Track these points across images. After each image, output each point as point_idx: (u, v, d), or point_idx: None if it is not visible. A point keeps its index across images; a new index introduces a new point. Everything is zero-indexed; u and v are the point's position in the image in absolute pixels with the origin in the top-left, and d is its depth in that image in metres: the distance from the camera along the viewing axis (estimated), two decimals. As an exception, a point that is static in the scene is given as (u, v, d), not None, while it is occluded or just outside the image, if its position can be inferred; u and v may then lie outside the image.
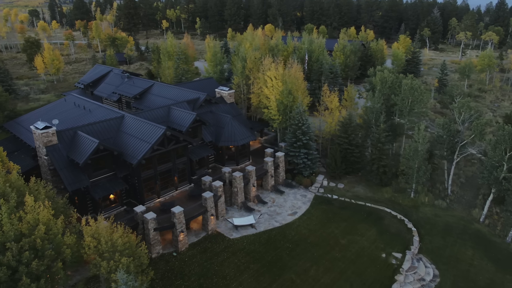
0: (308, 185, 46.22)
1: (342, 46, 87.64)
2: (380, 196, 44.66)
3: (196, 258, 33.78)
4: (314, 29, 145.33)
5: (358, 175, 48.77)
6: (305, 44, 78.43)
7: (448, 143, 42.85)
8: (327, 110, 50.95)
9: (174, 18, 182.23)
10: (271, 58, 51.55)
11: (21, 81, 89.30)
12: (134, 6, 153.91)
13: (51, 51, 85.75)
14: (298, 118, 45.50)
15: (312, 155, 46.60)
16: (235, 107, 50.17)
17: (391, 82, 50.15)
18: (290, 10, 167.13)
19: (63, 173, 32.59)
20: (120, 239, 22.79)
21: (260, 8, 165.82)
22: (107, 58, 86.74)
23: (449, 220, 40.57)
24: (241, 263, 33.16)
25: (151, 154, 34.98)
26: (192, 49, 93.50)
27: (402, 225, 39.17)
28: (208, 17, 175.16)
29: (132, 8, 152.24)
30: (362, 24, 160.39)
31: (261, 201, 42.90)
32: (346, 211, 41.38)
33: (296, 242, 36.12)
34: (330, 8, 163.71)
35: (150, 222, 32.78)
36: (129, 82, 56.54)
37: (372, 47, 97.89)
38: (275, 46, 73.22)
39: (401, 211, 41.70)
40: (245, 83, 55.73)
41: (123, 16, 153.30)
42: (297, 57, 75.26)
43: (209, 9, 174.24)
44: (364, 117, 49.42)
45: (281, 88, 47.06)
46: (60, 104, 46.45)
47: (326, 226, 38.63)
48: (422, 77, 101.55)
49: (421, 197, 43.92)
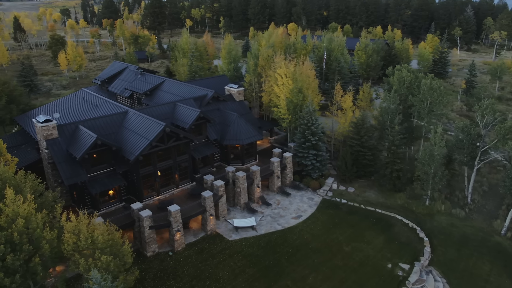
0: (316, 188, 44.30)
1: (364, 45, 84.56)
2: (392, 202, 42.13)
3: (191, 259, 32.81)
4: (339, 28, 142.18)
5: (370, 179, 46.35)
6: (324, 42, 76.15)
7: (468, 148, 39.77)
8: (342, 110, 48.81)
9: (199, 17, 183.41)
10: (283, 56, 49.94)
11: (46, 77, 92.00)
12: (159, 5, 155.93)
13: (74, 48, 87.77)
14: (308, 117, 43.69)
15: (322, 157, 44.65)
16: (244, 105, 48.95)
17: (409, 82, 47.34)
18: (315, 9, 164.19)
19: (61, 167, 32.48)
20: (101, 236, 22.06)
21: (285, 7, 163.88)
22: (127, 55, 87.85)
23: (466, 231, 37.59)
24: (236, 267, 31.88)
25: (150, 150, 34.34)
26: (212, 47, 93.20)
27: (413, 234, 36.61)
28: (232, 16, 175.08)
29: (158, 7, 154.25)
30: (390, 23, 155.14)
31: (265, 203, 41.45)
32: (354, 217, 39.22)
33: (297, 247, 34.43)
34: (356, 7, 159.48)
35: (145, 219, 32.10)
36: (141, 79, 56.52)
37: (396, 46, 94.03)
38: (293, 44, 71.44)
39: (414, 219, 39.07)
40: (257, 81, 54.43)
41: (149, 15, 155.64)
42: (315, 55, 73.28)
43: (233, 8, 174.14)
44: (379, 118, 46.95)
45: (291, 86, 45.38)
46: (70, 99, 46.88)
47: (330, 232, 36.69)
48: (450, 79, 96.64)
49: (437, 205, 41.04)
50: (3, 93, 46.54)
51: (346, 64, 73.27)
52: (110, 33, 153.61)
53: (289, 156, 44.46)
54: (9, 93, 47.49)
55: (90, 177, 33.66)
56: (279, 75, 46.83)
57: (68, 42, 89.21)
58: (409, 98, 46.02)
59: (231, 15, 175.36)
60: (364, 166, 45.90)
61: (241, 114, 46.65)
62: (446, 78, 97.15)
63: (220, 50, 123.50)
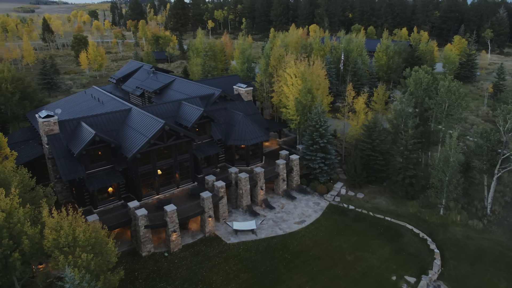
0: (324, 193, 42.53)
1: (385, 47, 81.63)
2: (403, 210, 39.77)
3: (186, 261, 31.93)
4: (362, 30, 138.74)
5: (382, 186, 44.08)
6: (342, 43, 73.99)
7: (487, 155, 36.96)
8: (355, 113, 46.84)
9: (222, 19, 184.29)
10: (294, 55, 48.50)
11: (68, 75, 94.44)
12: (182, 7, 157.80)
13: (95, 48, 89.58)
14: (316, 119, 42.06)
15: (330, 160, 42.85)
16: (252, 105, 47.84)
17: (427, 84, 44.76)
18: (338, 10, 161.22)
19: (60, 163, 32.46)
20: (82, 233, 21.48)
21: (307, 9, 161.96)
22: (144, 55, 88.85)
23: (483, 244, 34.81)
24: (231, 271, 30.72)
25: (148, 148, 33.80)
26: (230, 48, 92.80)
27: (424, 245, 34.25)
28: (255, 18, 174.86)
29: (180, 9, 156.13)
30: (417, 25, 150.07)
31: (269, 206, 40.10)
32: (360, 224, 37.22)
33: (297, 253, 32.88)
34: (382, 8, 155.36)
35: (141, 218, 31.51)
36: (152, 78, 56.58)
37: (420, 48, 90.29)
38: (309, 45, 69.78)
39: (425, 229, 36.63)
40: (268, 81, 53.23)
41: (172, 16, 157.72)
42: (332, 57, 71.32)
43: (256, 10, 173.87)
44: (393, 122, 44.66)
45: (300, 86, 43.89)
46: (80, 96, 47.33)
47: (334, 239, 34.90)
48: (477, 82, 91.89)
49: (452, 215, 38.37)
50: (17, 90, 47.62)
51: (365, 66, 70.95)
52: (134, 34, 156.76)
53: (295, 159, 42.95)
54: (23, 90, 48.58)
55: (89, 173, 33.49)
56: (288, 75, 45.46)
57: (89, 42, 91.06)
58: (426, 101, 43.46)
59: (254, 16, 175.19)
60: (375, 171, 43.72)
61: (248, 114, 45.61)
62: (474, 82, 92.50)
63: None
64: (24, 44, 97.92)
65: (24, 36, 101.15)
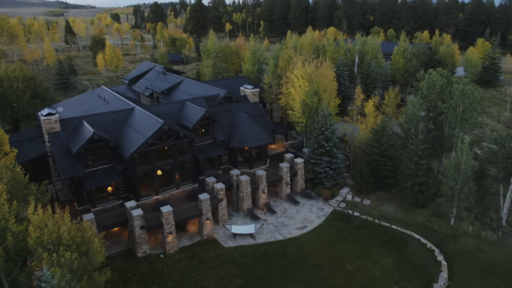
0: (329, 198, 41.16)
1: (402, 49, 79.29)
2: (412, 219, 37.92)
3: (181, 264, 31.33)
4: (381, 33, 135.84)
5: (391, 192, 42.31)
6: (357, 46, 72.29)
7: (502, 162, 34.77)
8: (364, 116, 45.35)
9: (240, 22, 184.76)
10: (302, 56, 47.44)
11: (86, 76, 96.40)
12: (201, 9, 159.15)
13: (111, 49, 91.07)
14: (322, 121, 40.81)
15: (336, 165, 41.44)
16: (258, 107, 47.02)
17: (440, 86, 42.75)
18: (358, 13, 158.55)
19: (59, 160, 32.58)
20: (66, 232, 21.17)
21: (326, 11, 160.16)
22: (158, 57, 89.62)
23: (495, 257, 32.64)
24: (225, 276, 29.89)
25: (146, 148, 33.50)
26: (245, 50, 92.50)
27: (430, 256, 32.41)
28: (273, 20, 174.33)
29: (199, 11, 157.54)
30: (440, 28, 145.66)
31: (271, 210, 39.09)
32: (364, 232, 35.68)
33: (295, 260, 31.73)
34: (403, 11, 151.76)
35: (136, 219, 31.16)
36: (162, 78, 56.72)
37: (440, 51, 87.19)
38: (322, 47, 68.48)
39: (434, 240, 34.72)
40: (276, 82, 52.31)
41: (191, 19, 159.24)
42: (346, 59, 69.77)
43: (274, 13, 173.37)
44: (404, 126, 42.87)
45: (307, 88, 42.76)
46: (87, 96, 47.82)
47: (335, 246, 33.53)
48: (501, 87, 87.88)
49: (464, 225, 36.27)
50: (28, 88, 48.60)
51: (379, 69, 69.03)
52: (153, 36, 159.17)
53: (300, 162, 41.79)
54: (34, 89, 49.55)
55: (88, 172, 33.48)
56: (295, 76, 44.44)
57: (106, 44, 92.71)
58: (439, 105, 41.46)
59: (272, 19, 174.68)
60: (383, 177, 42.01)
61: (254, 116, 44.83)
62: (497, 87, 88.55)
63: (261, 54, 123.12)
64: (45, 45, 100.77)
65: (45, 38, 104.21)
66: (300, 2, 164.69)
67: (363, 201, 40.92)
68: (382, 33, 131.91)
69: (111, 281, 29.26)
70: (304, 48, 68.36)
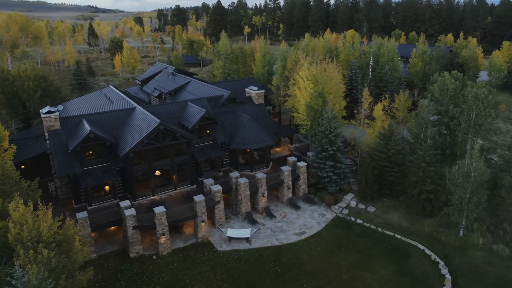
0: (331, 204, 39.75)
1: (421, 52, 76.48)
2: (418, 229, 35.99)
3: (172, 266, 30.81)
4: (402, 35, 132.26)
5: (398, 200, 40.43)
6: (372, 48, 70.26)
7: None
8: (372, 120, 43.72)
9: (260, 25, 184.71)
10: (309, 58, 46.29)
11: (104, 77, 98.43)
12: (221, 13, 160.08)
13: (129, 51, 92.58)
14: (326, 124, 39.52)
15: (340, 169, 40.00)
16: (263, 109, 46.15)
17: (453, 90, 40.60)
18: (379, 15, 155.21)
19: (56, 158, 32.83)
20: (46, 229, 21.00)
21: (347, 14, 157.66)
22: (173, 59, 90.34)
23: (506, 273, 30.37)
24: (215, 280, 29.11)
25: (143, 148, 33.29)
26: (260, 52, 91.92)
27: (434, 269, 30.51)
28: (293, 23, 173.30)
29: (219, 14, 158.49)
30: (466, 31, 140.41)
31: (270, 214, 38.08)
32: (365, 240, 34.09)
33: (288, 267, 30.59)
34: (427, 14, 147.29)
35: (129, 219, 30.92)
36: (170, 79, 56.85)
37: (463, 54, 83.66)
38: (335, 49, 66.95)
39: (440, 251, 32.74)
40: (284, 84, 51.32)
41: (211, 22, 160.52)
42: (360, 61, 67.93)
43: (294, 16, 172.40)
44: (413, 131, 40.97)
45: (312, 90, 41.59)
46: (94, 95, 48.44)
47: (332, 254, 32.15)
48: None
49: (474, 237, 34.06)
50: (39, 87, 49.73)
51: (395, 72, 66.75)
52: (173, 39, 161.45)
53: (303, 166, 40.62)
54: (45, 88, 50.67)
55: (85, 170, 33.56)
56: (300, 78, 43.37)
57: (124, 45, 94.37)
58: (451, 109, 39.34)
59: (292, 22, 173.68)
60: (390, 184, 40.21)
61: (257, 118, 44.03)
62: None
63: (276, 56, 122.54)
64: (66, 47, 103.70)
65: (67, 40, 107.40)
66: (320, 5, 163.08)
67: (367, 208, 39.26)
68: (404, 36, 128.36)
69: (101, 280, 29.12)
70: (317, 50, 67.10)
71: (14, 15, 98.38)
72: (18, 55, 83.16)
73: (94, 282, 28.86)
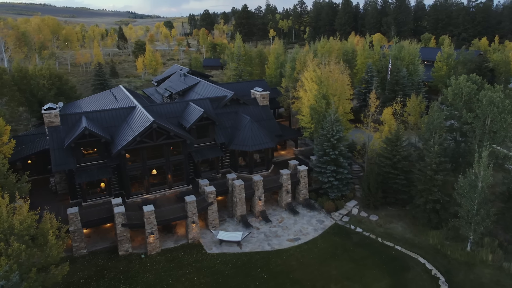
0: (332, 210, 38.09)
1: (446, 55, 72.73)
2: (422, 241, 33.65)
3: (158, 266, 30.45)
4: (432, 39, 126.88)
5: (404, 209, 38.12)
6: (393, 51, 67.59)
7: (530, 183, 29.60)
8: (380, 124, 41.76)
9: (286, 28, 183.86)
10: (317, 59, 44.93)
11: (127, 78, 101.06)
12: (247, 16, 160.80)
13: (151, 54, 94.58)
14: (328, 127, 38.04)
15: (342, 175, 38.31)
16: (267, 111, 45.21)
17: (468, 94, 37.92)
18: (410, 19, 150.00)
19: (53, 154, 33.50)
20: (18, 222, 21.17)
21: (375, 17, 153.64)
22: (192, 61, 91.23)
23: (515, 295, 27.65)
24: (198, 283, 28.43)
25: (136, 146, 33.33)
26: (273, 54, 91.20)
27: (432, 285, 28.27)
28: (320, 27, 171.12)
29: (245, 18, 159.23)
30: (502, 34, 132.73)
31: (266, 219, 37.00)
32: (362, 250, 32.24)
33: (276, 274, 29.38)
34: (460, 17, 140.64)
35: (117, 216, 30.92)
36: (181, 80, 57.20)
37: (493, 58, 78.73)
38: (351, 51, 64.96)
39: (443, 266, 30.36)
40: (292, 86, 50.16)
41: (236, 26, 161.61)
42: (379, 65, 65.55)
43: (321, 20, 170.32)
44: (423, 136, 38.61)
45: (315, 91, 40.24)
46: (104, 94, 49.50)
47: (324, 263, 30.60)
48: None
49: (482, 253, 31.34)
50: (54, 86, 51.46)
51: (416, 76, 63.76)
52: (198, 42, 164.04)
53: (303, 170, 39.27)
54: (60, 86, 52.38)
55: (81, 167, 34.03)
56: (305, 79, 42.13)
57: (146, 48, 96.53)
58: (464, 114, 36.72)
59: (319, 26, 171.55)
60: (395, 192, 38.04)
61: (261, 120, 43.18)
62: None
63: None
64: (94, 49, 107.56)
65: (95, 43, 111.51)
66: (347, 8, 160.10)
67: (369, 217, 37.27)
68: (433, 40, 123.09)
69: (86, 276, 29.23)
70: (333, 53, 65.43)
71: (47, 19, 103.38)
72: (46, 56, 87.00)
73: (80, 277, 29.03)
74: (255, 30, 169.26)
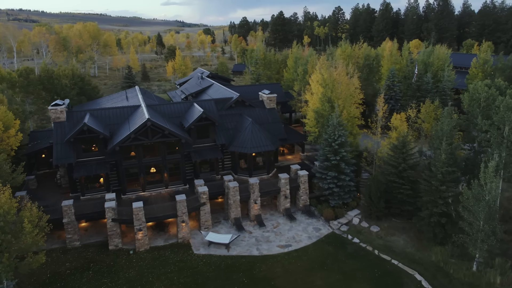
0: (331, 218, 36.32)
1: (482, 62, 67.65)
2: (424, 256, 30.99)
3: (143, 262, 30.55)
4: (475, 46, 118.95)
5: (409, 222, 35.48)
6: (421, 56, 64.12)
7: (545, 199, 26.23)
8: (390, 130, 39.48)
9: (323, 35, 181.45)
10: (328, 62, 43.52)
11: (158, 82, 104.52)
12: (282, 23, 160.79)
13: (181, 58, 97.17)
14: (330, 132, 36.49)
15: (344, 182, 36.49)
16: (273, 113, 44.31)
17: (485, 100, 34.74)
18: (453, 25, 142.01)
19: (55, 148, 34.93)
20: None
21: (415, 23, 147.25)
22: (219, 66, 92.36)
23: (522, 324, 24.49)
24: (177, 283, 28.09)
25: (131, 143, 33.92)
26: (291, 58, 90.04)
27: (425, 305, 25.83)
28: (357, 34, 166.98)
29: (280, 25, 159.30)
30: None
31: (260, 223, 36.02)
32: (354, 262, 30.29)
33: (257, 280, 28.34)
34: (509, 22, 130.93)
35: (108, 211, 31.52)
36: (197, 82, 57.96)
37: (538, 65, 71.98)
38: (375, 56, 62.38)
39: (442, 286, 27.71)
40: (304, 89, 48.96)
41: (272, 32, 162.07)
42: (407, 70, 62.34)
43: (358, 26, 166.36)
44: (432, 144, 35.87)
45: (320, 94, 38.90)
46: (118, 94, 51.33)
47: (310, 273, 29.07)
48: None
49: (490, 274, 28.25)
50: (76, 86, 54.15)
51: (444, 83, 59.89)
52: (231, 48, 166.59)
53: (303, 175, 37.92)
54: (82, 86, 55.00)
55: (80, 161, 35.17)
56: (312, 82, 40.92)
57: (176, 53, 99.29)
58: (479, 121, 33.61)
59: (356, 33, 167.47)
60: (400, 203, 35.55)
61: (266, 122, 42.46)
62: None
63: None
64: (130, 54, 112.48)
65: (131, 48, 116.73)
66: (385, 14, 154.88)
67: (370, 227, 35.07)
68: (476, 46, 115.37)
69: (73, 268, 29.96)
70: (355, 58, 63.27)
71: (88, 25, 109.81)
72: (82, 60, 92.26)
73: (67, 268, 29.82)
74: (290, 37, 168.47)
